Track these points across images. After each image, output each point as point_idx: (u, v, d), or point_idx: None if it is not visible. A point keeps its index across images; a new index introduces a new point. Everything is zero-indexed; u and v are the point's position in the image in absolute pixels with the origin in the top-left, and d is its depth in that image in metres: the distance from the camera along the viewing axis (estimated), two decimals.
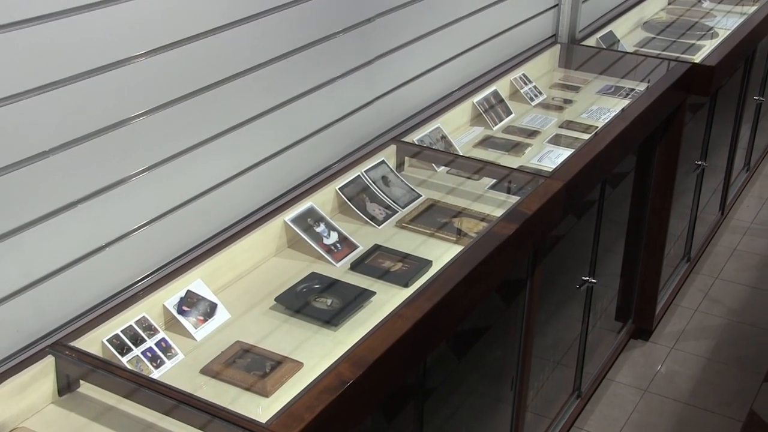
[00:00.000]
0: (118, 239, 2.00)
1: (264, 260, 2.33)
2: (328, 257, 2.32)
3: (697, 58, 3.77)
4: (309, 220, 2.39)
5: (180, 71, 2.04)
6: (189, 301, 2.07)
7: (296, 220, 2.37)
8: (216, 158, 2.20)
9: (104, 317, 1.94)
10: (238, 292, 2.20)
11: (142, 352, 1.92)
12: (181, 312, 2.05)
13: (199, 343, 2.01)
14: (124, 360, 1.89)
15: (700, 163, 4.21)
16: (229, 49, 2.16)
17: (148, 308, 2.00)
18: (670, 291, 4.23)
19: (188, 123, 2.10)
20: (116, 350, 1.90)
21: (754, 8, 4.39)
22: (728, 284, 4.45)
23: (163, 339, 1.97)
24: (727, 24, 4.25)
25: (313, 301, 2.15)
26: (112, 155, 1.93)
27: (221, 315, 2.09)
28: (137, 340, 1.93)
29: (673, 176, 3.73)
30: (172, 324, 2.05)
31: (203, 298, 2.09)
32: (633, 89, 3.47)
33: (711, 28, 4.23)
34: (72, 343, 1.86)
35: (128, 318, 1.96)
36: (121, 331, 1.93)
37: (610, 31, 4.03)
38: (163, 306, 2.04)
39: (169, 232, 2.12)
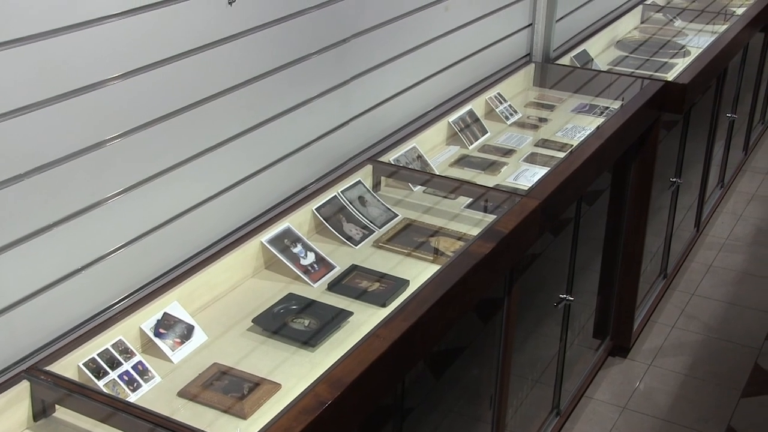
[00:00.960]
0: (94, 262, 1.98)
1: (241, 281, 2.32)
2: (305, 278, 2.32)
3: (670, 76, 3.81)
4: (286, 241, 2.39)
5: (155, 93, 2.04)
6: (166, 324, 2.06)
7: (273, 241, 2.37)
8: (192, 180, 2.20)
9: (80, 341, 1.93)
10: (215, 313, 2.19)
11: (119, 376, 1.91)
12: (157, 334, 2.03)
13: (176, 366, 2.00)
14: (101, 384, 1.88)
15: (674, 180, 4.25)
16: (204, 70, 2.16)
17: (124, 331, 1.99)
18: (648, 308, 4.26)
19: (164, 145, 2.10)
20: (92, 374, 1.88)
21: (725, 27, 4.45)
22: (704, 300, 4.49)
23: (139, 362, 1.96)
24: (698, 42, 4.31)
25: (290, 322, 2.14)
26: (88, 178, 1.92)
27: (198, 337, 2.08)
28: (114, 364, 1.92)
29: (648, 193, 3.75)
30: (149, 347, 2.04)
31: (180, 321, 2.08)
32: (607, 107, 3.50)
33: (683, 47, 4.28)
34: (47, 368, 1.84)
35: (104, 341, 1.94)
36: (98, 355, 1.91)
37: (584, 50, 4.06)
38: (140, 329, 2.03)
39: (145, 254, 2.11)
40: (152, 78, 2.02)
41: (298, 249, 2.39)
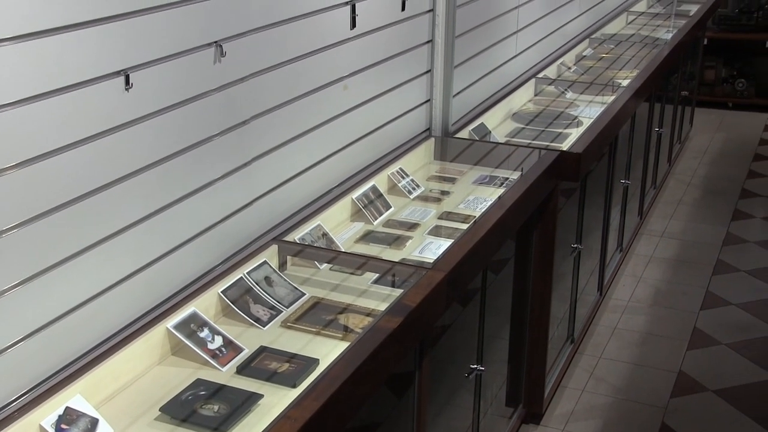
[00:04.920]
0: None
1: (147, 369, 2.27)
2: (213, 362, 2.28)
3: (565, 146, 3.93)
4: (192, 326, 2.35)
5: (52, 181, 2.00)
6: (68, 419, 1.98)
7: (179, 327, 2.32)
8: (93, 268, 2.15)
9: None
10: (121, 404, 2.13)
11: None
12: (59, 431, 1.96)
13: None
14: None
15: (576, 246, 4.36)
16: (104, 156, 2.14)
17: (23, 430, 1.91)
18: (557, 373, 4.31)
19: (63, 233, 2.05)
20: None
21: (613, 97, 4.64)
22: (611, 363, 4.57)
23: None
24: (589, 113, 4.47)
25: (199, 409, 2.09)
26: None
27: (103, 430, 2.01)
28: None
29: (551, 260, 3.84)
30: None
31: (84, 414, 2.01)
32: (507, 178, 3.59)
33: (575, 117, 4.44)
34: None
35: None
36: None
37: (482, 123, 4.17)
38: (40, 426, 1.95)
39: (45, 346, 2.04)
40: (49, 166, 1.98)
41: (205, 333, 2.35)
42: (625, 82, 4.97)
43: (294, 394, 2.12)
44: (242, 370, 2.27)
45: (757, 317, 4.97)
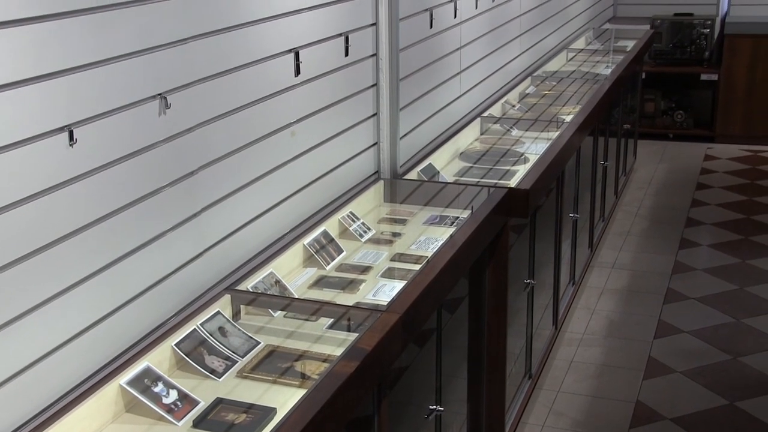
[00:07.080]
0: None
1: (101, 428, 2.22)
2: (168, 417, 2.24)
3: (513, 182, 3.97)
4: (146, 381, 2.31)
5: None
6: None
7: (132, 383, 2.29)
8: (41, 328, 2.11)
9: None
10: None
11: None
12: None
13: None
14: None
15: (529, 281, 4.38)
16: (50, 213, 2.11)
17: None
18: (517, 409, 4.31)
19: (9, 293, 2.01)
20: None
21: (557, 133, 4.71)
22: (570, 396, 4.59)
23: None
24: (536, 149, 4.53)
25: None
26: None
27: None
28: None
29: (504, 297, 3.85)
30: None
31: None
32: (457, 217, 3.61)
33: (522, 154, 4.49)
34: None
35: None
36: None
37: (430, 163, 4.20)
38: None
39: None
40: None
41: (159, 388, 2.31)
42: (568, 118, 5.05)
43: None
44: (199, 423, 2.23)
45: (709, 343, 5.04)
